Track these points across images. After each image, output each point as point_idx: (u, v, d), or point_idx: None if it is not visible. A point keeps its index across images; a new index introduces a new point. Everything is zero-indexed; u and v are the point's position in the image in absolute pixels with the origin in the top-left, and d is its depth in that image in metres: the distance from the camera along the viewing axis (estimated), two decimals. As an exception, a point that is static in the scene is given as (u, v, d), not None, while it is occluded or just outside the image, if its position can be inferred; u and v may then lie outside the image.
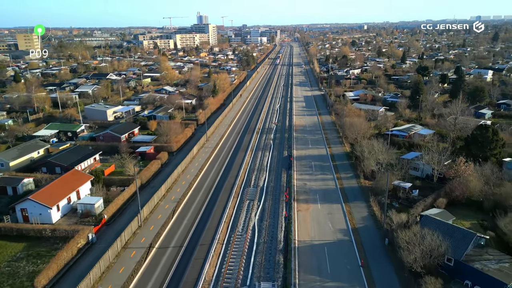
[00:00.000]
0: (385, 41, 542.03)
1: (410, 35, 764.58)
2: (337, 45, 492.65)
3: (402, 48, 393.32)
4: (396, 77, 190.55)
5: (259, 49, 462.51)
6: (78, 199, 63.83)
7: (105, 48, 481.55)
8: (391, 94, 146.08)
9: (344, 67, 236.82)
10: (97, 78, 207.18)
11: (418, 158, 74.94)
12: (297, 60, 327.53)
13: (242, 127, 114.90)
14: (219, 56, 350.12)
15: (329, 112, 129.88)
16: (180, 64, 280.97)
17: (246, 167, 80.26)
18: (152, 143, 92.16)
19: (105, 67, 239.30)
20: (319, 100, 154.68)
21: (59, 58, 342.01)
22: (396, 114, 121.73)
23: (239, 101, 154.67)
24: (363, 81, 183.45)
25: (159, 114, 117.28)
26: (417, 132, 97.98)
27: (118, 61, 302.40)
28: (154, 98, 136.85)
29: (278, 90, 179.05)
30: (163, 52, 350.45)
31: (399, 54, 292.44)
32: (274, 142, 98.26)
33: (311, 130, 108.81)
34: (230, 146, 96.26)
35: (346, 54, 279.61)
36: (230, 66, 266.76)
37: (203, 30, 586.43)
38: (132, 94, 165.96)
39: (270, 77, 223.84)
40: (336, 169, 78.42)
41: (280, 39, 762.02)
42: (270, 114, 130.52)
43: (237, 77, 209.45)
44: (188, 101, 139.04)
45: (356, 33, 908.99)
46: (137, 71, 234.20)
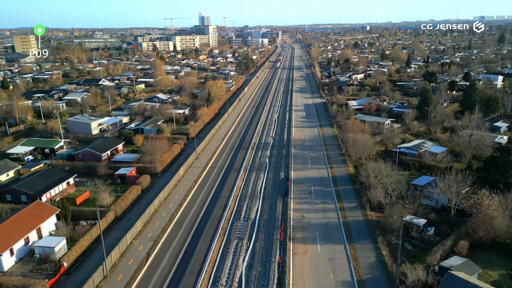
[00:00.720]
0: (389, 43, 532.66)
1: (413, 35, 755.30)
2: (340, 47, 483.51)
3: (406, 50, 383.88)
4: (402, 83, 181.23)
5: (259, 51, 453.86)
6: (39, 238, 55.15)
7: (103, 50, 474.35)
8: (397, 103, 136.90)
9: (346, 72, 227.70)
10: (88, 84, 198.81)
11: (431, 185, 65.86)
12: (298, 63, 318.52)
13: (237, 141, 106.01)
14: (218, 59, 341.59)
15: (331, 124, 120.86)
16: (177, 68, 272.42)
17: (237, 194, 71.36)
18: (134, 163, 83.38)
19: (98, 72, 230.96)
20: (320, 109, 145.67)
21: (54, 61, 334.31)
22: (403, 127, 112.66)
23: (235, 110, 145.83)
24: (366, 88, 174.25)
25: (147, 127, 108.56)
26: (427, 149, 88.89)
27: (114, 65, 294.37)
28: (145, 108, 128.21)
29: (277, 98, 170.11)
30: (161, 55, 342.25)
31: (404, 57, 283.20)
32: (270, 161, 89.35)
33: (311, 146, 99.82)
34: (221, 165, 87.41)
35: (349, 58, 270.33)
36: (228, 70, 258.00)
37: (204, 32, 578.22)
38: (123, 102, 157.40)
39: (270, 83, 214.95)
40: (338, 196, 69.42)
41: (281, 40, 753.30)
42: (268, 126, 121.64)
43: (235, 83, 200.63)
44: (180, 111, 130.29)
45: (359, 34, 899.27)
46: (132, 76, 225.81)
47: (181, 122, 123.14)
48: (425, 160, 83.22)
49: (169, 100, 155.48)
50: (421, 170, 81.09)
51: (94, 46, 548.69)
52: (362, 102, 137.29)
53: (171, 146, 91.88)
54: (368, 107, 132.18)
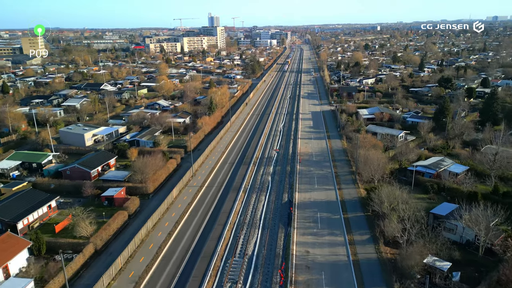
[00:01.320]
0: (400, 44, 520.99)
1: (425, 36, 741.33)
2: (349, 48, 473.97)
3: (418, 52, 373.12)
4: (415, 89, 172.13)
5: (267, 52, 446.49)
6: (6, 278, 48.55)
7: (110, 52, 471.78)
8: (411, 113, 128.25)
9: (356, 76, 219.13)
10: (90, 88, 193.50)
11: (454, 215, 57.82)
12: (306, 66, 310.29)
13: (238, 155, 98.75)
14: (225, 62, 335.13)
15: (340, 135, 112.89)
16: (182, 71, 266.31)
17: (234, 221, 64.06)
18: (124, 182, 76.61)
19: (101, 75, 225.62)
20: (328, 117, 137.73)
21: (60, 63, 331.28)
22: (418, 140, 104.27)
23: (239, 118, 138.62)
24: (378, 94, 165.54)
25: (143, 139, 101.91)
26: (447, 168, 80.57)
27: (119, 68, 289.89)
28: (143, 117, 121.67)
29: (283, 104, 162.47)
30: (167, 58, 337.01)
31: (416, 60, 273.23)
32: (273, 179, 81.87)
33: (319, 161, 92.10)
34: (219, 184, 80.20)
35: (359, 61, 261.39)
36: (234, 73, 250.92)
37: (212, 33, 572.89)
38: (123, 109, 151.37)
39: (276, 87, 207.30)
40: (348, 225, 61.69)
41: (290, 41, 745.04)
42: (272, 137, 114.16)
43: (240, 88, 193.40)
44: (180, 120, 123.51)
45: (369, 34, 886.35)
46: (135, 80, 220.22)
47: (180, 132, 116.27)
48: (445, 182, 74.90)
49: (171, 107, 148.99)
50: (440, 193, 73.00)
51: (102, 47, 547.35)
52: (373, 111, 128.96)
53: (166, 162, 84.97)
54: (380, 116, 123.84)
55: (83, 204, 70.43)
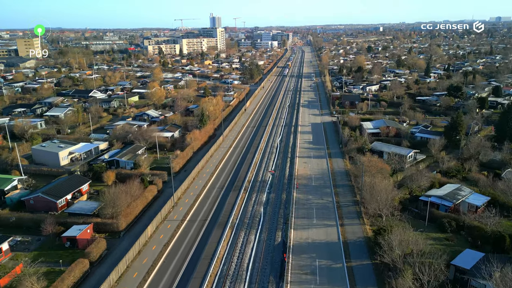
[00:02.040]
0: (403, 46, 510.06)
1: (429, 38, 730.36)
2: (352, 50, 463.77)
3: (423, 55, 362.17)
4: (422, 97, 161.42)
5: (268, 55, 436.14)
6: None
7: (108, 54, 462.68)
8: (419, 127, 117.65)
9: (359, 82, 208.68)
10: (79, 95, 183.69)
11: (481, 271, 47.50)
12: (307, 70, 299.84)
13: (228, 178, 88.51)
14: (224, 65, 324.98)
15: (342, 153, 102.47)
16: (178, 76, 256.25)
17: (215, 272, 53.68)
18: (93, 217, 66.42)
19: (91, 80, 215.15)
20: (330, 130, 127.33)
21: (54, 66, 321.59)
22: (429, 160, 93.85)
23: (232, 131, 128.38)
24: (382, 104, 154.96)
25: (123, 159, 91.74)
26: (465, 200, 70.17)
27: (113, 71, 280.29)
28: (127, 131, 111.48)
29: (281, 115, 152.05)
30: (164, 61, 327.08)
31: (422, 65, 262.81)
32: (266, 211, 71.56)
33: (318, 187, 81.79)
34: (204, 217, 69.98)
35: (362, 65, 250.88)
36: (232, 78, 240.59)
37: (211, 35, 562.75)
38: (109, 120, 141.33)
39: (275, 94, 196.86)
40: (352, 278, 51.36)
41: (292, 43, 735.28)
42: (268, 154, 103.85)
43: (237, 95, 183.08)
44: (168, 135, 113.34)
45: (372, 35, 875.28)
46: (127, 86, 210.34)
47: (167, 149, 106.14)
48: (465, 218, 64.41)
49: (160, 117, 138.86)
50: (459, 232, 62.65)
51: (100, 49, 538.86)
52: (378, 124, 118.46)
53: (144, 190, 74.73)
54: (385, 131, 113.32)
55: (41, 245, 60.45)
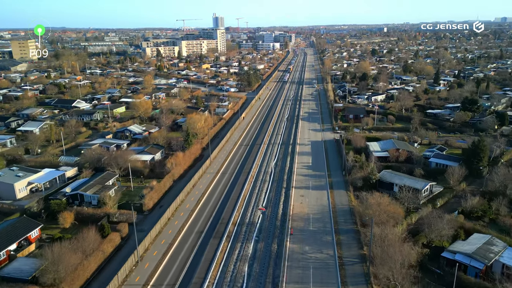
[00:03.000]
0: (409, 48, 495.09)
1: (435, 39, 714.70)
2: (356, 53, 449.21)
3: (430, 59, 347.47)
4: (433, 111, 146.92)
5: (269, 58, 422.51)
6: None
7: (105, 56, 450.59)
8: (434, 150, 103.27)
9: (364, 90, 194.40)
10: (61, 105, 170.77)
11: None
12: (309, 75, 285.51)
13: (210, 218, 74.69)
14: (222, 69, 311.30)
15: (345, 183, 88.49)
16: (172, 82, 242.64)
17: None
18: (30, 284, 52.80)
19: (76, 89, 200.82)
20: (331, 150, 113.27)
21: (45, 70, 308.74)
22: (447, 195, 79.78)
23: (223, 151, 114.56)
24: (390, 118, 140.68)
25: (88, 193, 78.17)
26: (499, 259, 56.26)
27: (105, 77, 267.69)
28: (101, 154, 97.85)
29: (279, 130, 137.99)
30: (159, 65, 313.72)
31: (430, 71, 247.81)
32: (251, 271, 57.66)
33: (317, 232, 67.91)
34: (172, 280, 56.22)
35: (367, 72, 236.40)
36: (229, 85, 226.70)
37: (212, 36, 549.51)
38: (88, 136, 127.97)
39: (274, 104, 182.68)
40: None
41: (294, 44, 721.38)
42: (260, 183, 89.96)
43: (232, 106, 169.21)
44: (147, 158, 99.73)
45: (376, 36, 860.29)
46: (116, 94, 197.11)
47: (144, 176, 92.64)
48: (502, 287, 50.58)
49: (144, 133, 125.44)
50: (496, 310, 48.79)
51: (98, 50, 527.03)
52: (387, 146, 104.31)
53: (102, 241, 61.11)
54: (395, 154, 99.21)
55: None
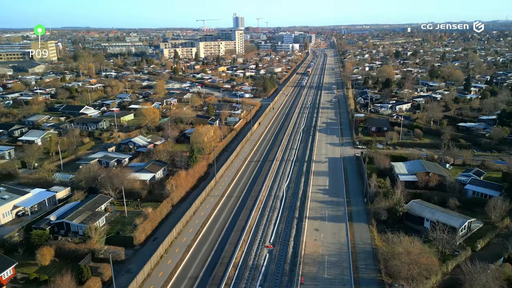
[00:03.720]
0: (435, 50, 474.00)
1: (461, 40, 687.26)
2: (378, 55, 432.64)
3: (458, 62, 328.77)
4: (466, 124, 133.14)
5: (287, 60, 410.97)
6: None
7: (123, 57, 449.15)
8: (470, 174, 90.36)
9: (387, 98, 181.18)
10: (69, 111, 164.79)
11: None
12: (328, 80, 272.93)
13: (208, 257, 64.89)
14: (238, 72, 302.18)
15: (367, 215, 77.03)
16: (186, 86, 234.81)
17: None
18: None
19: (86, 94, 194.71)
20: (351, 170, 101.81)
21: (61, 72, 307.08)
22: (490, 234, 67.58)
23: (230, 168, 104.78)
24: (417, 132, 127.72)
25: (75, 222, 69.72)
26: None
27: (119, 79, 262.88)
28: (96, 173, 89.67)
29: (293, 144, 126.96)
30: (175, 68, 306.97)
31: (459, 76, 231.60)
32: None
33: (332, 280, 56.94)
34: None
35: (390, 77, 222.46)
36: (243, 91, 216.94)
37: (230, 37, 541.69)
38: (90, 147, 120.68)
39: (289, 114, 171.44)
40: None
41: (314, 45, 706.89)
42: (268, 213, 79.52)
43: (244, 114, 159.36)
44: (147, 177, 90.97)
45: (399, 37, 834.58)
46: (126, 99, 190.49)
47: (141, 199, 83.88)
48: None
49: (149, 146, 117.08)
50: None
51: (117, 51, 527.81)
52: (414, 168, 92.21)
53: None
54: (424, 179, 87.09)
55: None
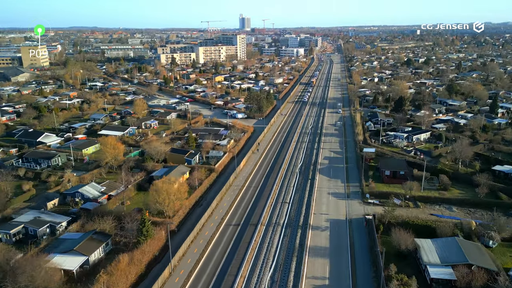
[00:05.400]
0: (448, 57, 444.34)
1: (474, 44, 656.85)
2: (388, 62, 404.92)
3: (475, 73, 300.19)
4: (503, 169, 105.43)
5: (290, 67, 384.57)
6: None
7: (119, 62, 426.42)
8: (531, 269, 63.83)
9: (402, 124, 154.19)
10: (26, 140, 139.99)
11: None
12: (334, 94, 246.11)
13: None
14: (236, 83, 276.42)
15: None
16: (172, 103, 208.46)
17: None
18: None
19: (53, 117, 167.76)
20: (360, 246, 75.26)
21: (45, 82, 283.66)
22: None
23: (194, 245, 78.85)
24: (443, 180, 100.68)
25: None
26: None
27: (104, 91, 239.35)
28: (2, 261, 64.34)
29: (286, 193, 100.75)
30: (166, 78, 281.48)
31: (481, 93, 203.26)
32: None
33: None
34: None
35: (403, 95, 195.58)
36: (237, 109, 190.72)
37: (231, 42, 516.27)
38: (30, 197, 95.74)
39: (285, 144, 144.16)
40: None
41: (320, 49, 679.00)
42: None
43: (231, 146, 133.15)
44: (75, 263, 65.50)
45: (409, 40, 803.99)
46: (99, 121, 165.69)
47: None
48: None
49: (102, 198, 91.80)
50: None
51: (114, 55, 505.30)
52: (449, 255, 65.56)
53: None
54: (466, 278, 60.52)
55: None
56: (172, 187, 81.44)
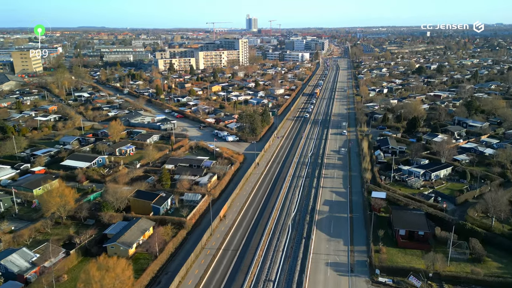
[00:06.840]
0: (461, 63, 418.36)
1: (488, 48, 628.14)
2: (397, 69, 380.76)
3: (494, 84, 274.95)
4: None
5: (293, 74, 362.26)
6: None
7: (115, 67, 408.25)
8: None
9: (417, 155, 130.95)
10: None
11: None
12: (339, 109, 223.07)
13: None
14: (232, 95, 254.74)
15: None
16: (157, 121, 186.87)
17: None
18: None
19: (22, 135, 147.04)
20: None
21: (29, 92, 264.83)
22: None
23: None
24: (475, 245, 77.90)
25: None
26: None
27: (89, 103, 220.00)
28: None
29: (273, 263, 78.87)
30: (158, 88, 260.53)
31: (506, 112, 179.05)
32: None
33: None
34: None
35: (417, 113, 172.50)
36: (227, 130, 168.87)
37: (233, 46, 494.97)
38: None
39: (278, 179, 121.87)
40: None
41: (327, 52, 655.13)
42: None
43: (212, 184, 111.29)
44: None
45: (419, 43, 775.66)
46: (69, 145, 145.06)
47: None
48: None
49: (31, 272, 70.64)
50: None
51: (112, 59, 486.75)
52: None
53: None
54: None
55: None
56: (110, 275, 59.77)
